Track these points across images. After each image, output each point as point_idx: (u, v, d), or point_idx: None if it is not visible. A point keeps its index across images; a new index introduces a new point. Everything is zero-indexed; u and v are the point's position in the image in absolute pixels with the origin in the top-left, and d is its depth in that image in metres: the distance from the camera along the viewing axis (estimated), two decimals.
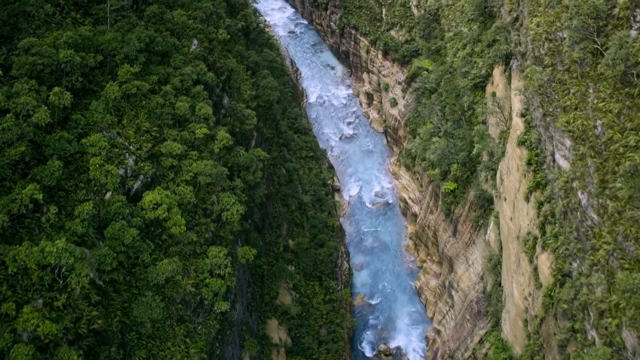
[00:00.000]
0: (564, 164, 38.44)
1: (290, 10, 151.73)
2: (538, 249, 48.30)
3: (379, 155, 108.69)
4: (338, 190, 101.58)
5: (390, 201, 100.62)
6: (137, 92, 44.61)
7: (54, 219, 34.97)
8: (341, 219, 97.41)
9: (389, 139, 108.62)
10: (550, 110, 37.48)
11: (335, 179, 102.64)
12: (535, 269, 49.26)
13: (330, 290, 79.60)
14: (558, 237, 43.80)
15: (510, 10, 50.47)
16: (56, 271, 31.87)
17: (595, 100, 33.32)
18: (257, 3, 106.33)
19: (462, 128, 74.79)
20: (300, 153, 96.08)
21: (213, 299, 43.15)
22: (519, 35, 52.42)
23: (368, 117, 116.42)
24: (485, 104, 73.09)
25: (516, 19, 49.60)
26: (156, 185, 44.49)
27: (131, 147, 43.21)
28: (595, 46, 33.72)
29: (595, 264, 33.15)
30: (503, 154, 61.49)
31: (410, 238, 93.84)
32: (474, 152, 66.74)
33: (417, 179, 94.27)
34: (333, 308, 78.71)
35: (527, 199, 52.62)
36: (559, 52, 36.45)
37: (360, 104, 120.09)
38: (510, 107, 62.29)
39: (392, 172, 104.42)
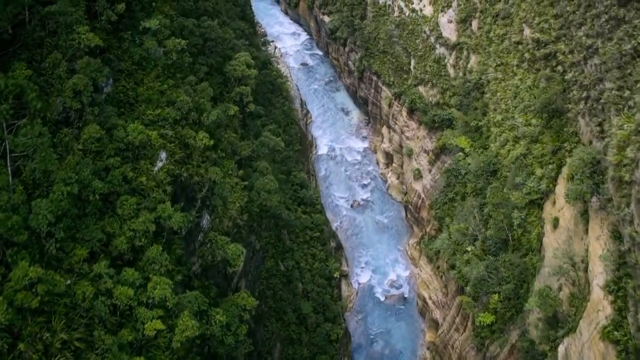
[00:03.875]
0: None
1: (304, 37, 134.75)
2: None
3: (396, 233, 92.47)
4: (345, 276, 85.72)
5: (407, 295, 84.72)
6: (46, 295, 28.88)
7: None
8: (347, 315, 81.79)
9: (408, 215, 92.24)
10: None
11: (343, 261, 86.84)
12: None
13: None
14: None
15: (612, 147, 34.27)
16: None
17: None
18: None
19: (509, 252, 58.57)
20: (304, 235, 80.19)
21: None
22: (619, 189, 36.21)
23: (385, 181, 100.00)
24: (542, 226, 56.79)
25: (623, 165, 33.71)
26: None
27: None
28: None
29: None
30: (573, 329, 45.49)
31: (428, 348, 77.95)
32: (526, 307, 50.87)
33: (441, 277, 78.19)
34: None
35: None
36: None
37: (377, 163, 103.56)
38: (587, 264, 46.06)
39: (411, 256, 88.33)
